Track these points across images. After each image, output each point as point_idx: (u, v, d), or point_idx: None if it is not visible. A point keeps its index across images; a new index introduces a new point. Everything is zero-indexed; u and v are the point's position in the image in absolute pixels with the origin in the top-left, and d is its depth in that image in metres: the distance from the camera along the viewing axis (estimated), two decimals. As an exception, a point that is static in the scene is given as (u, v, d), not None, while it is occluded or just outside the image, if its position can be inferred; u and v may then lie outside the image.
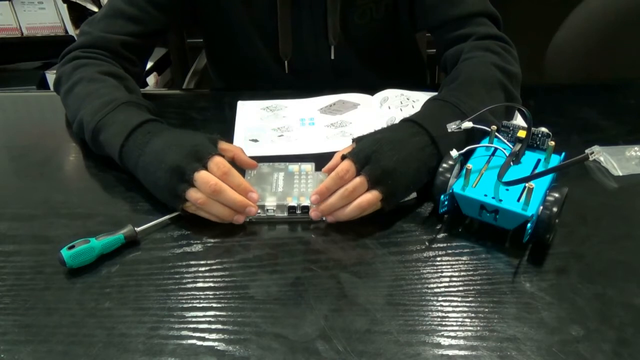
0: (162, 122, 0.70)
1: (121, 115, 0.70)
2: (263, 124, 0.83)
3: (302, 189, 0.66)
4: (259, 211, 0.64)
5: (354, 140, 0.67)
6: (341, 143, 0.77)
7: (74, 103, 0.76)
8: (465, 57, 0.80)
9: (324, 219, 0.64)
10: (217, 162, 0.62)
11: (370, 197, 0.62)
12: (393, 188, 0.63)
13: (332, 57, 0.93)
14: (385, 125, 0.81)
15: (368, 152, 0.63)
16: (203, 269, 0.59)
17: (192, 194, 0.61)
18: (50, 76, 1.99)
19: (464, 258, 0.60)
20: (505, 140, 0.67)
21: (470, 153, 0.66)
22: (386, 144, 0.63)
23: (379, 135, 0.65)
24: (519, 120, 0.80)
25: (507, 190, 0.60)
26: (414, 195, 0.68)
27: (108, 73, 0.79)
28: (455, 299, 0.55)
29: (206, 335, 0.52)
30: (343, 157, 0.63)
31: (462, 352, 0.50)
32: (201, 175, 0.61)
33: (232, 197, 0.62)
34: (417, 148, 0.64)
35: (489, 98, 0.72)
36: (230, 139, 0.79)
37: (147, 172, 0.65)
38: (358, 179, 0.62)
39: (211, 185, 0.60)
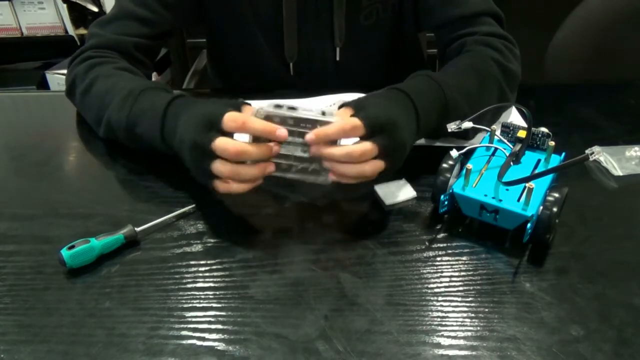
0: (185, 96, 0.68)
1: (146, 103, 0.69)
2: None
3: None
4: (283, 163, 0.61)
5: (343, 105, 0.63)
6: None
7: (94, 104, 0.75)
8: (466, 49, 0.81)
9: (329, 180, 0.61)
10: (229, 118, 0.58)
11: (376, 166, 0.60)
12: (398, 160, 0.62)
13: (337, 58, 0.92)
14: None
15: (383, 121, 0.60)
16: (203, 269, 0.59)
17: (217, 167, 0.58)
18: (51, 76, 1.99)
19: (464, 258, 0.60)
20: (505, 140, 0.67)
21: (470, 153, 0.66)
22: (397, 115, 0.62)
23: (384, 103, 0.64)
24: (519, 120, 0.80)
25: (507, 190, 0.60)
26: (414, 195, 0.68)
27: (124, 69, 0.78)
28: (455, 299, 0.55)
29: (206, 335, 0.52)
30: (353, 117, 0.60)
31: (462, 352, 0.50)
32: (218, 144, 0.57)
33: (257, 152, 0.58)
34: (412, 128, 0.64)
35: (478, 91, 0.72)
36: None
37: (183, 156, 0.63)
38: (369, 145, 0.58)
39: (231, 150, 0.57)
